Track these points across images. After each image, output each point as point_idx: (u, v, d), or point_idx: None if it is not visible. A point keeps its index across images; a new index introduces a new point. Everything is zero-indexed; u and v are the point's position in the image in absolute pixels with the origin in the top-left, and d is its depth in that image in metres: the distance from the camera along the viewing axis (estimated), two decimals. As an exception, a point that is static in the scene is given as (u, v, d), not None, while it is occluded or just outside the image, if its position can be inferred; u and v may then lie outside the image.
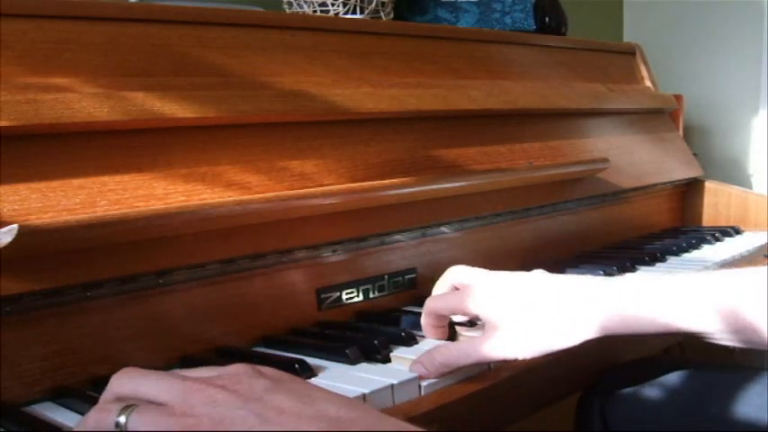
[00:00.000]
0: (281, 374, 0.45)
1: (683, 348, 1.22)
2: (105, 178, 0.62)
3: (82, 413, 0.53)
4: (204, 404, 0.41)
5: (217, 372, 0.45)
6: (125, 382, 0.45)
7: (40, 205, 0.57)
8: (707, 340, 0.58)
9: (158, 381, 0.44)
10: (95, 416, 0.43)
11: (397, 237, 0.82)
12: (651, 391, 0.68)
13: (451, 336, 0.68)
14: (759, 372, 0.66)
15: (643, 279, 0.64)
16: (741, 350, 0.58)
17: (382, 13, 1.12)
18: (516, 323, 0.59)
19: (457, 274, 0.66)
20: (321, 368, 0.60)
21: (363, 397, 0.54)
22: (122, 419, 0.41)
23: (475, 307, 0.61)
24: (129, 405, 0.42)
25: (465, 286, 0.65)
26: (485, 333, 0.61)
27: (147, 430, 0.41)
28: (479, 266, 0.68)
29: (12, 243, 0.52)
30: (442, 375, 0.59)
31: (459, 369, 0.60)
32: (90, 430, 0.43)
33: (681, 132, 1.42)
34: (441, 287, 0.68)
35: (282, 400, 0.41)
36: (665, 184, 1.24)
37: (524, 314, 0.59)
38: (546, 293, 0.60)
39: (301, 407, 0.41)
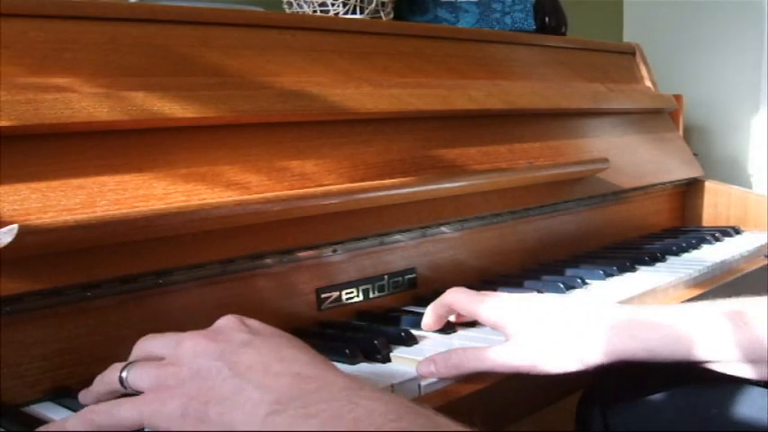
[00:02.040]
0: (264, 327, 0.50)
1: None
2: (105, 178, 0.62)
3: (82, 413, 0.53)
4: (187, 355, 0.46)
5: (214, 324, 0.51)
6: (139, 344, 0.52)
7: (39, 205, 0.57)
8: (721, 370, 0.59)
9: (161, 337, 0.50)
10: (108, 373, 0.50)
11: (397, 237, 0.82)
12: (651, 391, 0.68)
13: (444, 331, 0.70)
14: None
15: (665, 307, 0.64)
16: None
17: (382, 13, 1.12)
18: (541, 337, 0.60)
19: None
20: (321, 368, 0.60)
21: (363, 397, 0.54)
22: (125, 374, 0.48)
23: (498, 317, 0.63)
24: (131, 362, 0.49)
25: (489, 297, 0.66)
26: (505, 342, 0.62)
27: (141, 381, 0.47)
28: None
29: (12, 243, 0.52)
30: (452, 377, 0.60)
31: (469, 373, 0.60)
32: (106, 387, 0.50)
33: (681, 132, 1.42)
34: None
35: (254, 356, 0.45)
36: (665, 184, 1.24)
37: (552, 330, 0.60)
38: (571, 314, 0.61)
39: (270, 362, 0.45)
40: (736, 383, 0.65)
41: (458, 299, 0.67)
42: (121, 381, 0.48)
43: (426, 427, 0.42)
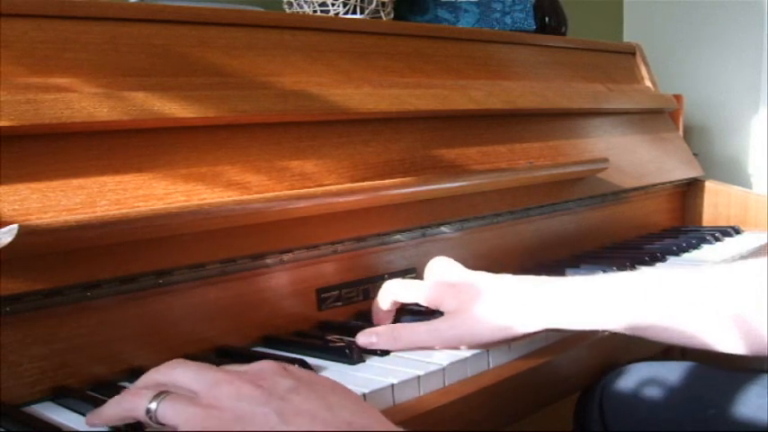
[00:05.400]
0: (308, 374, 0.48)
1: (683, 349, 1.22)
2: (105, 178, 0.62)
3: (82, 413, 0.53)
4: (230, 397, 0.44)
5: (247, 367, 0.48)
6: (164, 370, 0.48)
7: (39, 205, 0.57)
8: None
9: (193, 371, 0.47)
10: (131, 399, 0.46)
11: (397, 237, 0.82)
12: (650, 391, 0.68)
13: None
14: (758, 372, 0.66)
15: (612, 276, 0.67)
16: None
17: (382, 13, 1.12)
18: (476, 311, 0.63)
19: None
20: (321, 368, 0.60)
21: (364, 397, 0.54)
22: (153, 405, 0.45)
23: (435, 296, 0.66)
24: (161, 392, 0.45)
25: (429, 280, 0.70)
26: (444, 318, 0.64)
27: (175, 418, 0.44)
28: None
29: (12, 243, 0.52)
30: (391, 349, 0.63)
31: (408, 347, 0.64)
32: (124, 413, 0.47)
33: (681, 132, 1.42)
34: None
35: (302, 402, 0.44)
36: (665, 184, 1.24)
37: (479, 302, 0.63)
38: (501, 285, 0.65)
39: (318, 410, 0.43)
40: (736, 384, 0.65)
41: (397, 291, 0.69)
42: (148, 412, 0.45)
43: None
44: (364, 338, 0.64)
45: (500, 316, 0.62)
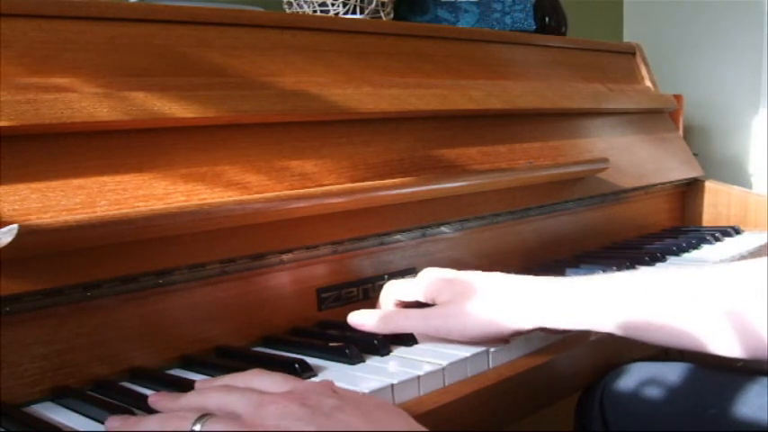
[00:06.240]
0: (354, 394, 0.48)
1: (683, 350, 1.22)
2: (105, 178, 0.62)
3: (82, 413, 0.53)
4: (275, 416, 0.43)
5: (291, 385, 0.48)
6: (206, 392, 0.48)
7: (40, 205, 0.57)
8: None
9: (235, 393, 0.47)
10: (174, 422, 0.45)
11: (397, 237, 0.82)
12: (651, 391, 0.68)
13: None
14: (758, 373, 0.66)
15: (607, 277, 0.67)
16: None
17: (382, 13, 1.12)
18: (466, 303, 0.64)
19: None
20: (321, 368, 0.60)
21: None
22: (197, 428, 0.44)
23: (431, 290, 0.67)
24: (204, 414, 0.45)
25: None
26: (437, 307, 0.65)
27: None
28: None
29: (12, 243, 0.52)
30: (381, 331, 0.65)
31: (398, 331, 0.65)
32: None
33: (681, 132, 1.42)
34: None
35: (348, 419, 0.43)
36: (665, 184, 1.24)
37: (472, 297, 0.64)
38: (494, 282, 0.65)
39: (365, 426, 0.43)
40: (736, 384, 0.65)
41: (396, 292, 0.71)
42: None
43: None
44: (355, 318, 0.65)
45: (491, 311, 0.63)
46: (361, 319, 0.65)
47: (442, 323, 0.64)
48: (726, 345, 0.56)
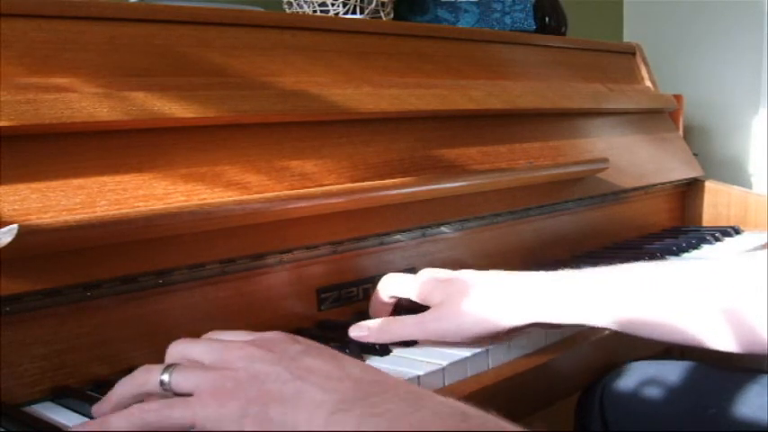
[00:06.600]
0: (313, 342, 0.49)
1: (682, 349, 1.22)
2: (105, 178, 0.62)
3: (82, 413, 0.53)
4: (242, 359, 0.45)
5: (255, 336, 0.49)
6: (172, 350, 0.50)
7: (40, 205, 0.57)
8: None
9: (202, 344, 0.49)
10: (142, 375, 0.48)
11: (397, 237, 0.82)
12: (651, 391, 0.68)
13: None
14: (758, 372, 0.66)
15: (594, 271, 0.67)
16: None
17: (382, 13, 1.12)
18: (459, 303, 0.63)
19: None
20: (321, 368, 0.60)
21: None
22: (166, 377, 0.46)
23: (427, 291, 0.67)
24: (171, 365, 0.47)
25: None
26: (431, 310, 0.65)
27: (188, 383, 0.45)
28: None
29: (12, 243, 0.52)
30: (381, 342, 0.65)
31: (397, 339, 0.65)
32: (136, 389, 0.48)
33: (681, 132, 1.42)
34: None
35: (314, 362, 0.45)
36: (664, 184, 1.24)
37: (465, 295, 0.64)
38: (487, 279, 0.65)
39: (330, 368, 0.45)
40: (736, 384, 0.65)
41: (393, 285, 0.71)
42: (162, 383, 0.46)
43: (490, 427, 0.42)
44: (356, 331, 0.66)
45: (485, 309, 0.62)
46: (360, 332, 0.65)
47: (437, 326, 0.64)
48: (722, 339, 0.56)
